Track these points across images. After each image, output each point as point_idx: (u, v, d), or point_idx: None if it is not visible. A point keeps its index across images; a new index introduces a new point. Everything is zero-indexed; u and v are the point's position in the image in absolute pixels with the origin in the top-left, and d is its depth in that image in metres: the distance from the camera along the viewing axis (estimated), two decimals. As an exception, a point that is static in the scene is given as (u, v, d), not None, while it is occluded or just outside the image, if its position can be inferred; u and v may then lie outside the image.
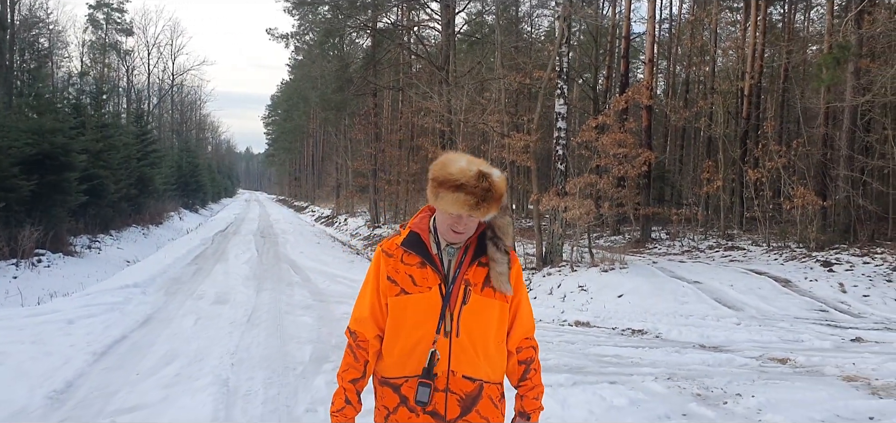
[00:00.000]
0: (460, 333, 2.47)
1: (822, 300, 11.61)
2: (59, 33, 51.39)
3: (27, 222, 20.74)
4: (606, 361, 7.23)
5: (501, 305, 2.56)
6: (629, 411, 5.35)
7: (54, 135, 23.73)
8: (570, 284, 13.81)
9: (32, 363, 6.83)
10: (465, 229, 2.47)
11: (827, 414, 5.28)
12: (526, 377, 2.65)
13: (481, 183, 2.40)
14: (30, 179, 21.48)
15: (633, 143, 17.23)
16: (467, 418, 2.51)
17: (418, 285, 2.49)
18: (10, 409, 5.57)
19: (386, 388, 2.56)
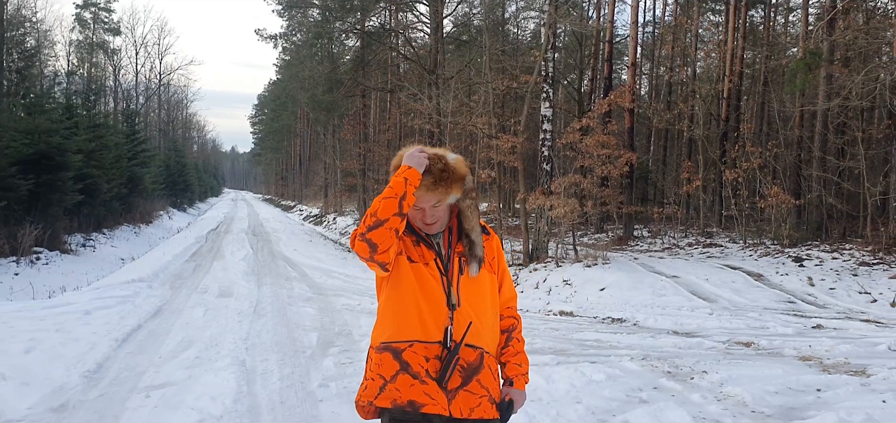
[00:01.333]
0: (462, 303, 2.50)
1: (790, 293, 12.40)
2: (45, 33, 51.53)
3: (26, 220, 21.21)
4: (587, 344, 7.94)
5: (491, 276, 2.63)
6: (606, 384, 6.04)
7: (50, 136, 24.18)
8: (556, 278, 14.54)
9: (62, 348, 7.44)
10: (434, 219, 2.54)
11: (780, 387, 6.00)
12: (508, 344, 2.70)
13: (436, 164, 2.47)
14: (27, 179, 21.95)
15: (616, 144, 17.98)
16: (468, 387, 2.50)
17: (417, 260, 2.52)
18: (51, 386, 6.20)
19: (384, 353, 2.50)
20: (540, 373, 6.25)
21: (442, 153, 2.52)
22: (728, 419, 5.20)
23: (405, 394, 2.42)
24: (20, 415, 5.43)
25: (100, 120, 36.99)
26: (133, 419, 5.42)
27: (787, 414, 5.31)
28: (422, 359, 2.44)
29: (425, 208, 2.49)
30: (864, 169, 16.02)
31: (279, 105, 66.68)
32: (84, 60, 61.53)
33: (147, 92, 71.06)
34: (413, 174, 2.39)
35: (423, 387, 2.42)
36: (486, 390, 2.52)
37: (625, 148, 21.56)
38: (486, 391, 2.52)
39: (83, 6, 62.30)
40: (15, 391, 5.89)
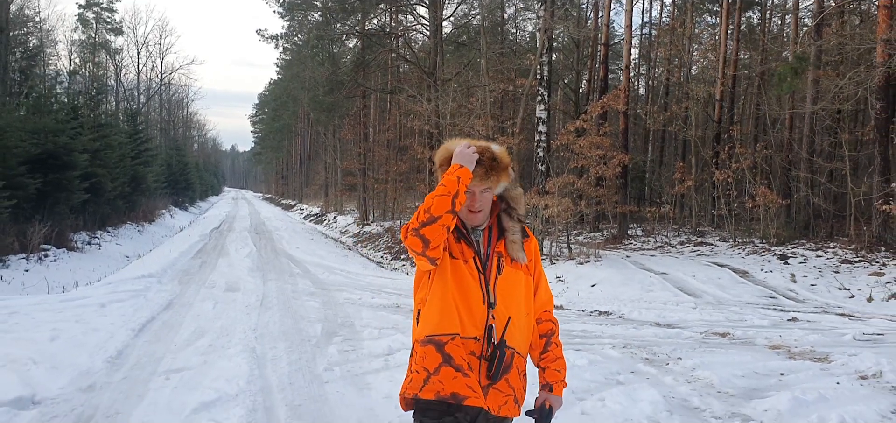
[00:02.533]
0: (497, 303, 2.57)
1: (773, 289, 12.96)
2: (48, 32, 52.02)
3: (35, 218, 21.76)
4: (574, 334, 8.49)
5: (526, 277, 2.70)
6: (588, 369, 6.59)
7: (57, 136, 24.74)
8: (549, 275, 15.07)
9: (84, 337, 7.99)
10: (481, 206, 2.62)
11: (747, 371, 6.55)
12: (547, 349, 2.77)
13: (485, 154, 2.59)
14: (35, 178, 22.51)
15: (610, 145, 18.51)
16: (497, 386, 2.57)
17: (458, 257, 2.59)
18: (78, 370, 6.74)
19: (428, 347, 2.56)
20: (527, 359, 6.80)
21: (487, 145, 2.63)
22: (695, 399, 5.76)
23: (448, 386, 2.50)
24: (54, 394, 5.98)
25: (104, 120, 37.56)
26: (156, 399, 5.96)
27: (749, 394, 5.86)
28: (464, 352, 2.52)
29: (475, 192, 2.57)
30: (848, 170, 16.57)
31: (280, 105, 67.19)
32: (86, 60, 61.94)
33: (148, 91, 71.51)
34: (465, 173, 2.50)
35: (466, 380, 2.50)
36: (512, 389, 2.60)
37: (619, 149, 22.12)
38: (512, 390, 2.61)
39: (86, 6, 62.67)
40: (46, 374, 6.44)
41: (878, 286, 12.68)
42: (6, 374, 6.17)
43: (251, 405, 5.71)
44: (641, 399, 5.56)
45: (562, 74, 33.81)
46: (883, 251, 15.11)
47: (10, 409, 5.44)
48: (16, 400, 5.63)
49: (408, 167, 30.21)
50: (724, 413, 5.39)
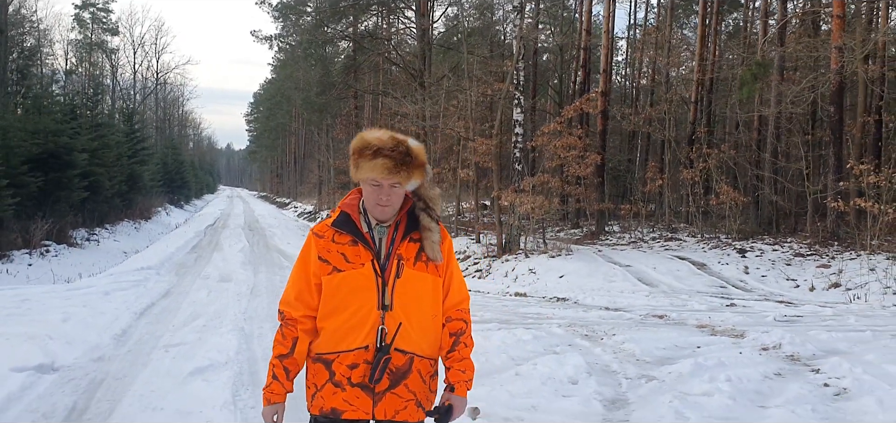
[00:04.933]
0: (394, 306, 2.54)
1: (725, 279, 14.03)
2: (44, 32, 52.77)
3: (37, 215, 22.71)
4: (528, 316, 9.53)
5: (434, 278, 2.64)
6: (531, 342, 7.61)
7: (57, 136, 25.69)
8: (523, 268, 16.14)
9: (92, 319, 9.01)
10: (389, 201, 2.54)
11: (668, 345, 7.58)
12: (455, 348, 2.73)
13: (398, 147, 2.51)
14: (37, 177, 23.46)
15: (583, 146, 19.55)
16: (395, 391, 2.59)
17: (351, 263, 2.56)
18: (89, 345, 7.75)
19: (318, 364, 2.63)
20: (482, 335, 7.82)
21: (403, 138, 2.56)
22: (615, 365, 6.79)
23: (328, 402, 2.59)
24: (70, 363, 7.00)
25: (101, 120, 38.43)
26: (158, 367, 6.98)
27: (661, 361, 6.89)
28: (346, 368, 2.56)
29: (383, 185, 2.50)
30: (804, 170, 17.66)
31: (274, 104, 68.14)
32: (83, 60, 62.69)
33: (144, 91, 72.27)
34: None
35: (343, 394, 2.56)
36: (412, 394, 2.61)
37: (597, 149, 23.19)
38: (413, 395, 2.62)
39: (82, 6, 63.34)
40: (62, 348, 7.45)
41: (822, 277, 13.77)
42: (29, 346, 7.18)
43: (238, 370, 6.74)
44: (567, 364, 6.59)
45: (548, 77, 34.89)
46: (835, 245, 16.19)
47: (35, 373, 6.46)
48: (39, 366, 6.64)
49: (396, 166, 31.15)
50: (635, 375, 6.43)
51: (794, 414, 5.23)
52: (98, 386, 6.33)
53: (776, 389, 5.97)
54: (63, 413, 5.55)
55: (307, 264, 2.66)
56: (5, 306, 9.63)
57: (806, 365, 6.72)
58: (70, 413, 5.56)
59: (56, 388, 6.19)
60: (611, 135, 30.92)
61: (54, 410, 5.60)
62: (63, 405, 5.73)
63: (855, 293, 12.23)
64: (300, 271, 2.69)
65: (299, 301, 2.65)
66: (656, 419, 5.20)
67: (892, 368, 6.37)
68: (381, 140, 2.51)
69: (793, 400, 5.59)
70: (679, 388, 5.92)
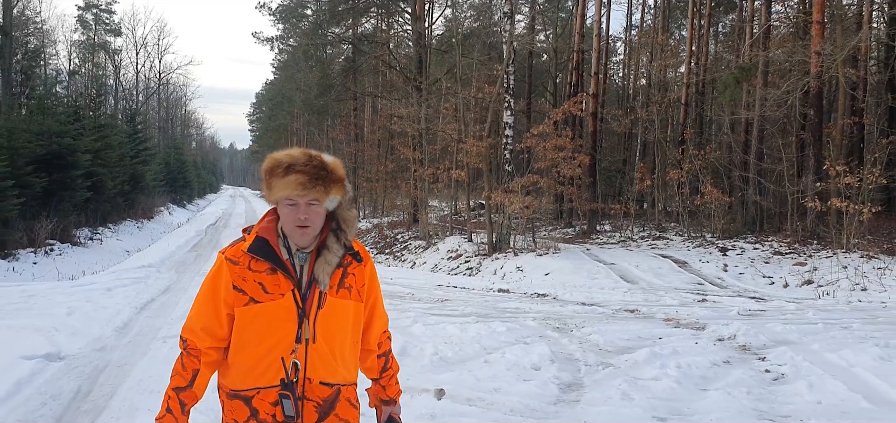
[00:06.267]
0: (317, 338, 2.41)
1: (704, 277, 14.59)
2: (48, 33, 53.42)
3: (41, 215, 23.30)
4: (506, 310, 10.08)
5: (356, 305, 2.52)
6: (504, 333, 8.16)
7: (61, 137, 26.29)
8: (511, 265, 16.70)
9: (95, 313, 9.57)
10: (308, 220, 2.38)
11: (631, 336, 8.13)
12: (386, 367, 2.71)
13: (312, 162, 2.39)
14: (41, 178, 24.06)
15: (572, 147, 20.09)
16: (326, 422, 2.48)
17: (270, 293, 2.39)
18: (93, 336, 8.31)
19: (236, 401, 2.45)
20: (458, 327, 8.39)
21: (316, 153, 2.45)
22: (578, 353, 7.34)
23: None
24: (75, 352, 7.56)
25: (104, 120, 39.03)
26: (156, 355, 7.54)
27: (621, 350, 7.44)
28: (269, 406, 2.41)
29: (299, 204, 2.36)
30: (785, 171, 18.22)
31: (276, 105, 68.74)
32: (86, 60, 63.33)
33: (147, 91, 72.89)
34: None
35: None
36: (344, 421, 2.51)
37: (588, 150, 23.76)
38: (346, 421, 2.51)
39: (85, 8, 63.90)
40: (67, 338, 8.01)
41: (797, 275, 14.33)
42: (36, 336, 7.75)
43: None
44: (533, 353, 7.14)
45: (543, 79, 35.46)
46: (815, 244, 16.74)
47: (43, 360, 7.02)
48: (46, 355, 7.21)
49: (395, 167, 31.74)
50: (594, 362, 6.98)
51: (729, 396, 5.78)
52: (101, 373, 6.89)
53: (721, 374, 6.53)
54: (69, 396, 6.11)
55: (217, 292, 2.45)
56: (13, 301, 10.22)
57: (754, 354, 7.27)
58: (75, 396, 6.12)
59: (62, 374, 6.75)
60: (607, 135, 31.55)
61: (61, 393, 6.17)
62: (69, 389, 6.29)
63: (825, 290, 12.77)
64: (208, 299, 2.47)
65: (205, 333, 2.45)
66: (604, 399, 5.75)
67: (831, 356, 6.93)
68: (292, 156, 2.40)
69: (732, 384, 6.15)
70: (632, 373, 6.47)
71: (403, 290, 12.26)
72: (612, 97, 36.96)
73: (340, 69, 37.29)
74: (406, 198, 29.04)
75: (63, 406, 5.82)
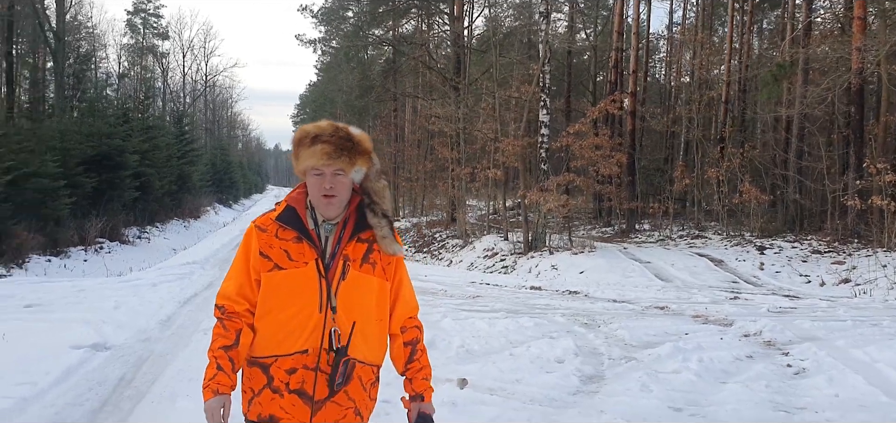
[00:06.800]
0: (338, 310, 2.43)
1: (739, 275, 14.55)
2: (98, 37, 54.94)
3: (91, 214, 24.09)
4: (536, 306, 10.25)
5: (380, 282, 2.54)
6: (532, 328, 8.33)
7: (110, 138, 27.11)
8: (546, 264, 16.84)
9: (140, 307, 9.99)
10: (334, 190, 2.43)
11: (658, 331, 8.24)
12: (413, 358, 2.65)
13: (338, 133, 2.44)
14: (91, 178, 24.87)
15: (609, 145, 20.12)
16: (335, 399, 2.46)
17: (294, 260, 2.45)
18: (137, 328, 8.71)
19: (254, 368, 2.49)
20: (487, 321, 8.58)
21: (344, 125, 2.50)
22: (602, 347, 7.49)
23: (267, 408, 2.46)
24: (120, 343, 7.95)
25: (152, 122, 40.04)
26: (198, 347, 7.88)
27: (646, 345, 7.56)
28: (284, 373, 2.43)
29: (325, 173, 2.41)
30: (825, 169, 18.02)
31: (318, 106, 69.53)
32: (134, 63, 64.94)
33: (194, 93, 74.34)
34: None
35: (281, 401, 2.44)
36: (352, 402, 2.50)
37: (626, 149, 23.72)
38: (353, 403, 2.50)
39: (134, 12, 65.43)
40: (114, 330, 8.41)
41: (834, 274, 14.22)
42: (85, 328, 8.16)
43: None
44: (558, 347, 7.31)
45: (582, 77, 35.43)
46: (855, 243, 16.54)
47: (91, 350, 7.41)
48: (94, 345, 7.60)
49: (434, 166, 31.99)
50: (618, 356, 7.12)
51: (747, 388, 5.89)
52: (144, 362, 7.25)
53: (742, 368, 6.62)
54: (114, 382, 6.47)
55: (248, 258, 2.53)
56: (65, 296, 10.72)
57: (778, 350, 7.34)
58: (119, 382, 6.47)
59: (108, 363, 7.12)
60: (648, 134, 31.40)
61: (106, 379, 6.53)
62: (114, 376, 6.65)
63: (862, 289, 12.67)
64: (241, 265, 2.55)
65: (240, 296, 2.52)
66: (623, 390, 5.90)
67: (856, 352, 6.96)
68: (320, 127, 2.46)
69: (752, 377, 6.25)
70: (653, 367, 6.61)
71: (436, 286, 12.50)
72: (653, 95, 36.75)
73: (380, 70, 37.74)
74: (444, 197, 29.29)
75: (108, 391, 6.17)
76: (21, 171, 19.64)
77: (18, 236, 18.59)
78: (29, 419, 5.31)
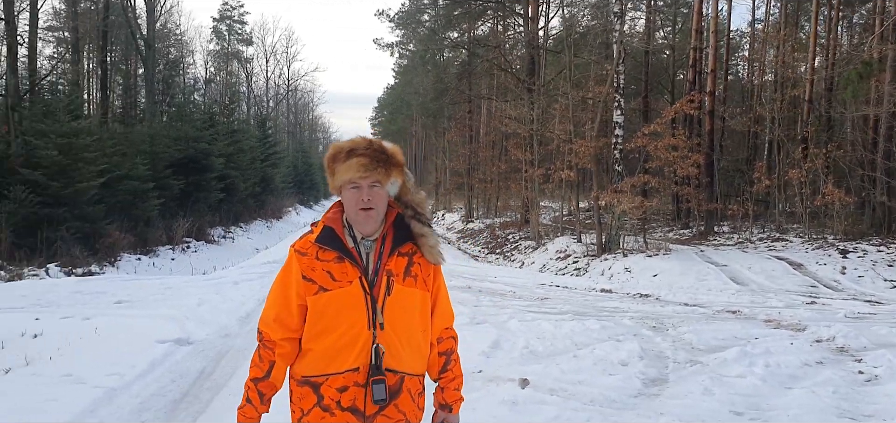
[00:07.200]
0: (385, 325, 2.46)
1: (818, 279, 14.16)
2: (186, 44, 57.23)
3: (179, 215, 25.17)
4: (604, 309, 10.26)
5: (423, 293, 2.57)
6: (598, 331, 8.37)
7: (197, 142, 28.24)
8: (619, 266, 16.74)
9: (222, 304, 10.48)
10: (372, 202, 2.46)
11: (727, 336, 8.16)
12: (447, 368, 2.69)
13: (372, 146, 2.48)
14: (179, 180, 25.99)
15: (686, 146, 19.79)
16: (386, 412, 2.50)
17: (338, 281, 2.47)
18: (219, 325, 9.16)
19: (305, 388, 2.53)
20: (553, 323, 8.68)
21: (377, 139, 2.55)
22: (668, 351, 7.49)
23: None
24: (202, 338, 8.38)
25: (236, 126, 41.47)
26: (272, 342, 8.26)
27: (713, 349, 7.52)
28: (335, 391, 2.47)
29: (362, 186, 2.45)
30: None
31: (395, 109, 70.62)
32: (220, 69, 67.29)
33: (276, 97, 76.47)
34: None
35: (332, 419, 2.47)
36: (402, 414, 2.53)
37: (705, 149, 23.29)
38: (403, 415, 2.53)
39: (219, 19, 67.80)
40: (196, 326, 8.88)
41: (922, 278, 13.66)
42: (170, 323, 8.65)
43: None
44: (623, 349, 7.35)
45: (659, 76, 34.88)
46: (950, 248, 15.86)
47: (174, 344, 7.86)
48: (177, 339, 8.06)
49: (508, 167, 32.06)
50: (683, 360, 7.11)
51: (812, 394, 5.82)
52: (223, 356, 7.65)
53: (810, 374, 6.53)
54: (195, 375, 6.87)
55: (288, 284, 2.57)
56: (152, 293, 11.34)
57: (851, 356, 7.19)
58: (200, 375, 6.87)
59: (190, 356, 7.55)
60: (730, 134, 30.70)
61: (188, 372, 6.94)
62: (195, 369, 7.06)
63: (951, 295, 12.17)
64: (280, 292, 2.60)
65: (278, 323, 2.58)
66: (685, 393, 5.93)
67: (934, 360, 6.76)
68: (354, 142, 2.50)
69: (820, 383, 6.16)
70: (718, 371, 6.59)
71: (505, 288, 12.63)
72: (735, 94, 35.86)
73: (455, 73, 38.05)
74: (517, 198, 29.34)
75: (189, 383, 6.57)
76: (114, 173, 20.74)
77: (111, 236, 19.62)
78: (116, 408, 5.72)
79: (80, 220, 18.55)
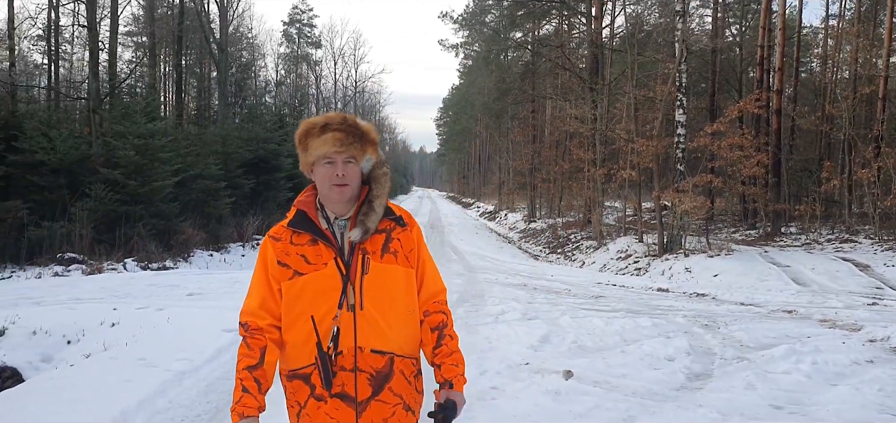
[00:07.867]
0: (365, 304, 2.38)
1: (885, 281, 13.85)
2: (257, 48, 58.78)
3: (249, 213, 26.03)
4: (658, 308, 10.33)
5: (405, 270, 2.49)
6: (648, 328, 8.49)
7: (267, 143, 29.13)
8: (679, 266, 16.67)
9: (286, 297, 10.98)
10: (346, 178, 2.39)
11: (778, 334, 8.17)
12: (440, 343, 2.55)
13: (347, 122, 2.42)
14: (249, 180, 26.89)
15: (751, 145, 19.51)
16: (380, 397, 2.42)
17: (312, 264, 2.40)
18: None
19: (295, 381, 2.45)
20: (604, 320, 8.83)
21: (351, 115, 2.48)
22: (717, 348, 7.56)
23: (314, 417, 2.41)
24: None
25: (305, 127, 42.40)
26: (331, 334, 8.66)
27: (762, 347, 7.56)
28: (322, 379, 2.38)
29: (337, 161, 2.38)
30: None
31: (460, 109, 71.03)
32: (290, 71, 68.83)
33: (344, 98, 77.62)
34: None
35: (325, 407, 2.39)
36: (399, 397, 2.45)
37: (772, 149, 22.87)
38: (400, 398, 2.46)
39: (289, 23, 69.34)
40: (261, 317, 9.36)
41: None
42: (235, 315, 9.09)
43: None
44: (671, 346, 7.46)
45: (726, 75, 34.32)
46: None
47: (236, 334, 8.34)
48: (242, 329, 8.54)
49: (570, 167, 32.01)
50: (731, 356, 7.19)
51: (856, 391, 5.86)
52: (285, 345, 8.08)
53: (858, 372, 6.54)
54: (258, 362, 7.30)
55: (266, 271, 2.48)
56: (221, 287, 11.95)
57: (904, 356, 7.14)
58: (263, 362, 7.30)
59: (254, 345, 8.00)
60: (801, 133, 29.99)
61: (252, 359, 7.38)
62: (258, 357, 7.50)
63: None
64: (261, 278, 2.49)
65: (264, 309, 2.47)
66: (727, 387, 6.04)
67: None
68: (328, 117, 2.44)
69: (866, 381, 6.18)
70: (764, 367, 6.66)
71: (561, 286, 12.79)
72: (807, 92, 34.96)
73: (519, 72, 38.18)
74: (580, 198, 29.31)
75: (252, 369, 7.01)
76: (187, 173, 21.62)
77: (184, 232, 20.46)
78: (184, 389, 6.16)
79: (156, 217, 19.40)
